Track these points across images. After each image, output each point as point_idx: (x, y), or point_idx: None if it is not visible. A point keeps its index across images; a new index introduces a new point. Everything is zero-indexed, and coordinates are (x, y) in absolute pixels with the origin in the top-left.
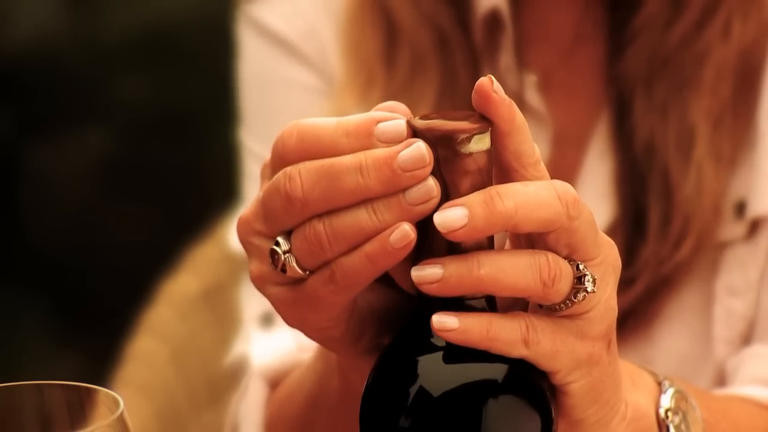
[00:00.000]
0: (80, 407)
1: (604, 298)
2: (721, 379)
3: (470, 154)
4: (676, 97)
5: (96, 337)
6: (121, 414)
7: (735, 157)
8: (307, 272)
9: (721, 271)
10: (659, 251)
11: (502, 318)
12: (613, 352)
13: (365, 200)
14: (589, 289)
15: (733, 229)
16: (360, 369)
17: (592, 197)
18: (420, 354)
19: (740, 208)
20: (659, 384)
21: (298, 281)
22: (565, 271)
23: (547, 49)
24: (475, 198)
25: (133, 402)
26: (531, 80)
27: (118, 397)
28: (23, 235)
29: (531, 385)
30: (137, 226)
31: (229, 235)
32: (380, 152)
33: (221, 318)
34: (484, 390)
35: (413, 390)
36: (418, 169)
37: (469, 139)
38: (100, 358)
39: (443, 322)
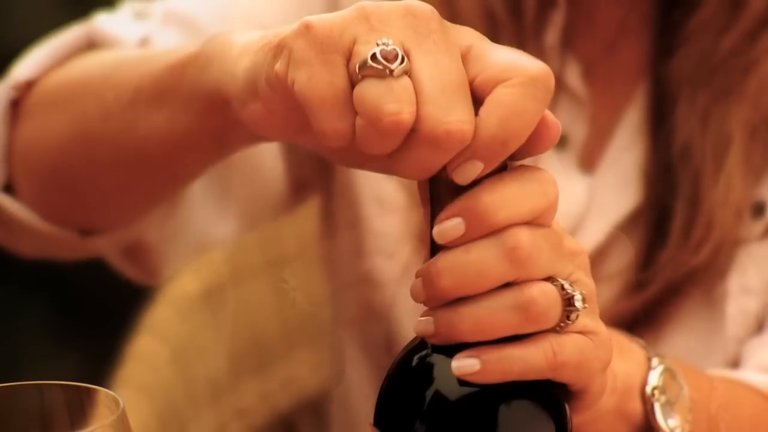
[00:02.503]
0: (80, 407)
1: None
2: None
3: None
4: (719, 105)
5: (96, 337)
6: (121, 414)
7: (764, 167)
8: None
9: (735, 270)
10: (678, 255)
11: (525, 348)
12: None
13: None
14: (579, 307)
15: (750, 229)
16: None
17: (614, 183)
18: (435, 357)
19: (758, 209)
20: (649, 360)
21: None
22: (552, 299)
23: (591, 40)
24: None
25: (133, 402)
26: (574, 68)
27: (118, 397)
28: None
29: (545, 389)
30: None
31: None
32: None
33: (221, 318)
34: (499, 394)
35: (429, 394)
36: None
37: None
38: (100, 358)
39: (463, 367)
